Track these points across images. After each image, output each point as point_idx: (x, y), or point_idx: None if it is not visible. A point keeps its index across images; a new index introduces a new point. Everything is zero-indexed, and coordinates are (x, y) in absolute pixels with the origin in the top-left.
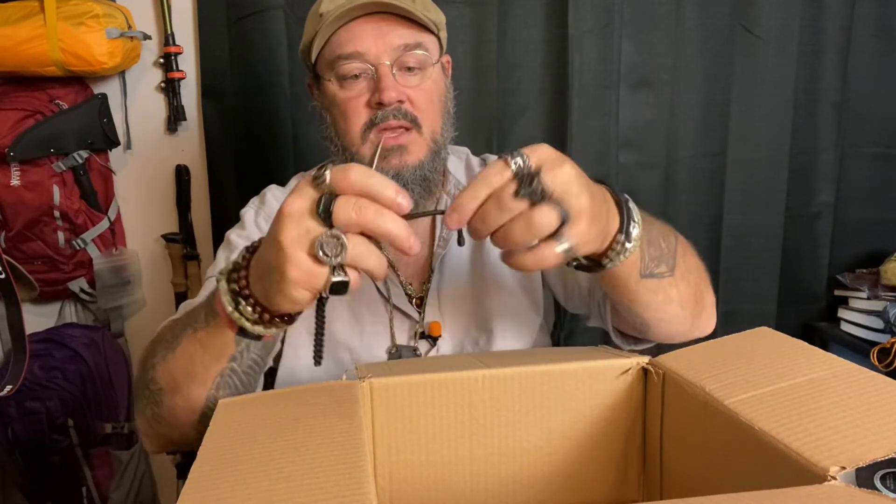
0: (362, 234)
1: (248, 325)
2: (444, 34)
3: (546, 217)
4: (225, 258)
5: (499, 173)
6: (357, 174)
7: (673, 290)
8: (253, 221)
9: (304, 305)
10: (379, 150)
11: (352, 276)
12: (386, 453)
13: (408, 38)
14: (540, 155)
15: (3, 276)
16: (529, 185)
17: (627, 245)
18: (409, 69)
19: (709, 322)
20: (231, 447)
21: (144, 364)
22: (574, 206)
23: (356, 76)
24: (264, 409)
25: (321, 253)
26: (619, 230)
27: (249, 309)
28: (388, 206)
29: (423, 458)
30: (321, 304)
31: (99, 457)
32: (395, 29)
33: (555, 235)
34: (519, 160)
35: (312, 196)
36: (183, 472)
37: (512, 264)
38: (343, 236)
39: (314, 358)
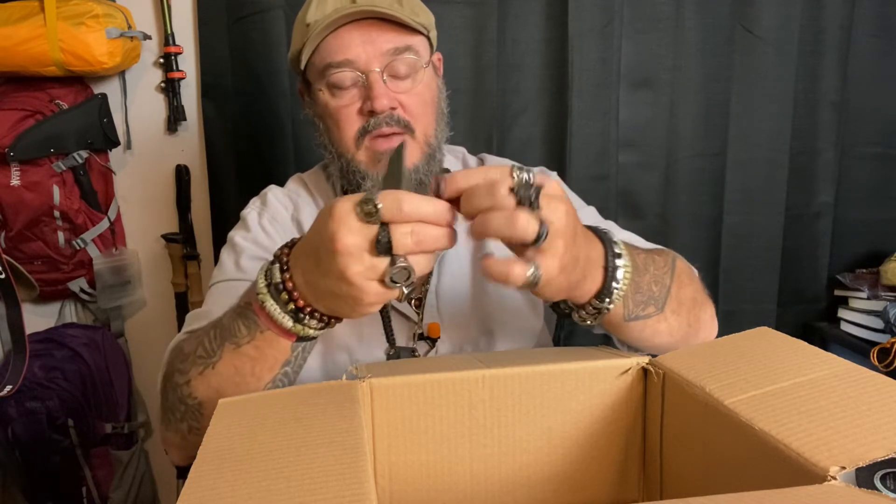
0: None
1: (312, 332)
2: (434, 33)
3: (527, 221)
4: (232, 261)
5: (500, 173)
6: (410, 206)
7: (662, 325)
8: (257, 223)
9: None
10: (404, 150)
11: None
12: (386, 453)
13: (397, 42)
14: (547, 183)
15: (3, 276)
16: (526, 189)
17: (605, 307)
18: (400, 73)
19: (709, 333)
20: (231, 447)
21: (172, 381)
22: (553, 234)
23: (347, 84)
24: (264, 408)
25: (392, 282)
26: (597, 295)
27: (314, 321)
28: (445, 226)
29: (423, 458)
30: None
31: (99, 457)
32: (383, 34)
33: (527, 256)
34: (525, 176)
35: (363, 230)
36: (183, 472)
37: (483, 267)
38: (409, 264)
39: (389, 342)
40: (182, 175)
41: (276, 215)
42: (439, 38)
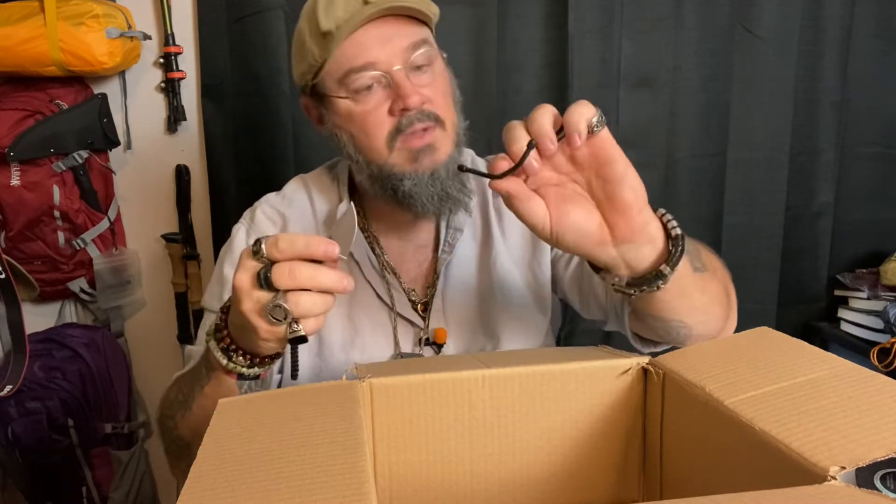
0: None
1: (244, 370)
2: (434, 22)
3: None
4: (218, 294)
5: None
6: (284, 243)
7: (713, 285)
8: (245, 245)
9: (281, 348)
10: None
11: (307, 325)
12: (386, 453)
13: (413, 36)
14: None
15: (3, 276)
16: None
17: (681, 245)
18: (419, 67)
19: (735, 318)
20: (231, 447)
21: (164, 424)
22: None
23: (370, 87)
24: (264, 409)
25: (272, 318)
26: (667, 231)
27: (241, 359)
28: (323, 259)
29: (423, 458)
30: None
31: (99, 457)
32: (398, 30)
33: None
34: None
35: (254, 268)
36: None
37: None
38: (283, 303)
39: (291, 372)
40: (182, 175)
41: (263, 234)
42: (440, 38)
